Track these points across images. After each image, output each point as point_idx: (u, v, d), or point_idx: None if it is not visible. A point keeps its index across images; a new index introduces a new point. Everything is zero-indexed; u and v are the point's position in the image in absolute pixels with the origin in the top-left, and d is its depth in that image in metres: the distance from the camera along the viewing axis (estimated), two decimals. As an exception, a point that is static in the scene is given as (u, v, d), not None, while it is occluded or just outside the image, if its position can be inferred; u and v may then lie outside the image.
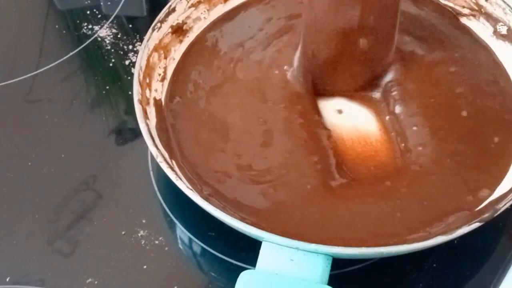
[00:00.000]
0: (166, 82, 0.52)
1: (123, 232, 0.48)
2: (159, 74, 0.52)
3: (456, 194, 0.45)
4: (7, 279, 0.46)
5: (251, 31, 0.56)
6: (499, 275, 0.46)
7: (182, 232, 0.48)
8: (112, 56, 0.60)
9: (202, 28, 0.57)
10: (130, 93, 0.54)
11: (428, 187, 0.45)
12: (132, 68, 0.59)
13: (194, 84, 0.52)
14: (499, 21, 0.55)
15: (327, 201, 0.45)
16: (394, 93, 0.51)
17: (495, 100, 0.51)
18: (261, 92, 0.51)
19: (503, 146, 0.48)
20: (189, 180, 0.45)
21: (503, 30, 0.54)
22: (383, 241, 0.42)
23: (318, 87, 0.52)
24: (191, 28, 0.56)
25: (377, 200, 0.45)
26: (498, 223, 0.48)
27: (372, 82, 0.52)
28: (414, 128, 0.49)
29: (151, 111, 0.49)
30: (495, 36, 0.55)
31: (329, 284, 0.39)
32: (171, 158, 0.46)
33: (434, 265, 0.46)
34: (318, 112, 0.51)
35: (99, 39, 0.62)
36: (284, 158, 0.47)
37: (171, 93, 0.52)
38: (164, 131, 0.48)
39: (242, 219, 0.42)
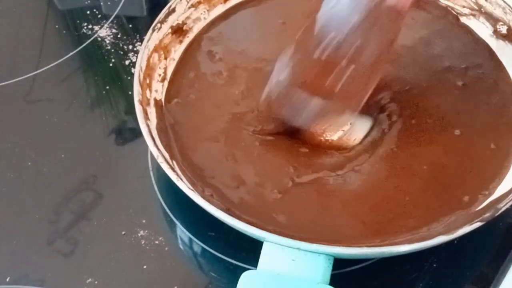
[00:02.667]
0: (166, 83, 0.53)
1: (123, 232, 0.48)
2: (159, 75, 0.52)
3: (453, 195, 0.45)
4: (7, 279, 0.46)
5: (244, 32, 0.56)
6: (499, 275, 0.46)
7: (182, 232, 0.48)
8: (112, 56, 0.60)
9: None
10: (130, 93, 0.54)
11: (421, 188, 0.46)
12: (132, 68, 0.59)
13: (191, 86, 0.52)
14: (499, 21, 0.54)
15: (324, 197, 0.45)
16: (391, 106, 0.51)
17: (493, 103, 0.51)
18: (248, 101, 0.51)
19: (501, 149, 0.48)
20: (190, 180, 0.45)
21: (503, 29, 0.54)
22: (384, 241, 0.42)
23: None
24: (191, 28, 0.56)
25: (375, 200, 0.45)
26: (498, 223, 0.48)
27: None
28: (408, 131, 0.49)
29: (152, 111, 0.49)
30: (495, 36, 0.55)
31: (330, 284, 0.39)
32: (171, 158, 0.46)
33: (434, 265, 0.46)
34: None
35: (99, 39, 0.62)
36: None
37: (171, 93, 0.52)
38: (164, 131, 0.48)
39: (244, 220, 0.42)
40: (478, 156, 0.48)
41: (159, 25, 0.52)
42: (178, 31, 0.54)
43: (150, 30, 0.52)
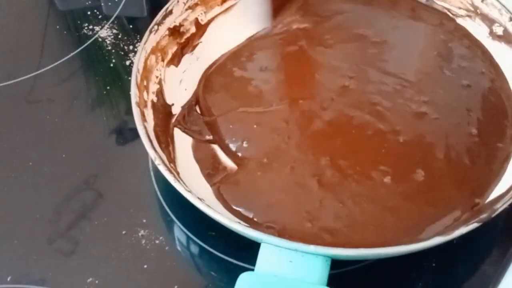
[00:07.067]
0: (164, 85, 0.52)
1: (123, 232, 0.48)
2: (157, 77, 0.52)
3: (452, 198, 0.45)
4: (8, 279, 0.46)
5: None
6: (499, 275, 0.46)
7: (182, 232, 0.49)
8: (112, 57, 0.61)
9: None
10: (130, 93, 0.54)
11: (421, 190, 0.46)
12: (133, 69, 0.59)
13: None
14: (495, 22, 0.54)
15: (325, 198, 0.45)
16: None
17: (492, 105, 0.51)
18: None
19: (505, 149, 0.48)
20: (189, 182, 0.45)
21: (499, 31, 0.54)
22: (382, 242, 0.42)
23: None
24: (188, 30, 0.56)
25: (373, 201, 0.45)
26: (497, 222, 0.48)
27: None
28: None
29: (149, 113, 0.49)
30: (491, 37, 0.55)
31: (328, 284, 0.39)
32: (169, 160, 0.46)
33: (434, 264, 0.46)
34: None
35: (100, 39, 0.62)
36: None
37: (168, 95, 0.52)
38: (162, 133, 0.49)
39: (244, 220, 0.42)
40: (487, 156, 0.47)
41: (156, 27, 0.52)
42: (175, 33, 0.54)
43: (147, 32, 0.52)
